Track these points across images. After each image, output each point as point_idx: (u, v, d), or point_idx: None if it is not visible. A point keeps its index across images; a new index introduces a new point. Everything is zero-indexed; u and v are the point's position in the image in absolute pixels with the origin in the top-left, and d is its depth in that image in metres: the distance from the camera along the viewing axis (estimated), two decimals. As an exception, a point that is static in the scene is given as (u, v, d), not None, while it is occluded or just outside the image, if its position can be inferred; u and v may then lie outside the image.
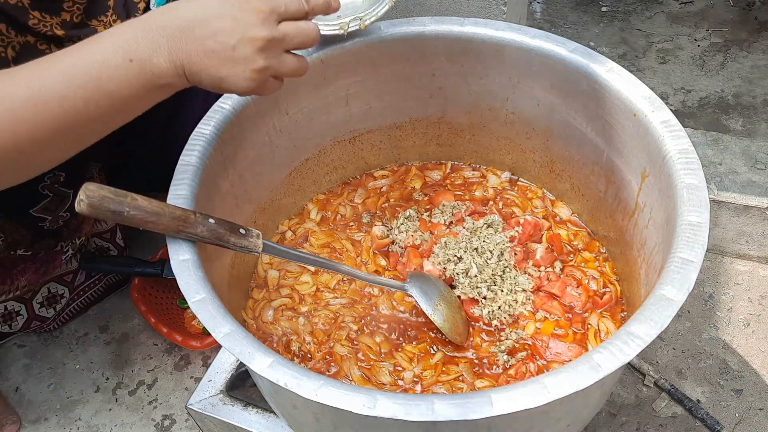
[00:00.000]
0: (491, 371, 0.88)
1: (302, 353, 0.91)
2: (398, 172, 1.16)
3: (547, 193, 1.10)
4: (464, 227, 1.02)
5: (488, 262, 0.95)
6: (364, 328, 0.93)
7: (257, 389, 0.90)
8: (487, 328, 0.93)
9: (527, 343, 0.90)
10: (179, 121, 1.12)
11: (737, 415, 1.10)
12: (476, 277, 0.94)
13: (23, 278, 1.10)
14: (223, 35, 0.67)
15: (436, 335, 0.92)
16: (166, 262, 1.20)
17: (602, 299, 0.94)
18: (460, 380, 0.87)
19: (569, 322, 0.92)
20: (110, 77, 0.67)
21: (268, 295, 0.99)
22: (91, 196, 0.64)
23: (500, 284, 0.94)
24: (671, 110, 0.85)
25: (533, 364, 0.88)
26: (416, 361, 0.89)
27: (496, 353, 0.89)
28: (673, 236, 0.71)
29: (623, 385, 1.13)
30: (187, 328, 1.23)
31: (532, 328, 0.92)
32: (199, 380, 1.06)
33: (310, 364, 0.90)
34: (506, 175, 1.13)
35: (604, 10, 1.95)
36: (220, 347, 1.10)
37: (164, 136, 1.13)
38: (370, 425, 0.65)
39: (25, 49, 0.85)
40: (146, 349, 1.26)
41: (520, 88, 0.99)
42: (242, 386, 0.96)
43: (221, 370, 0.97)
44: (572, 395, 0.58)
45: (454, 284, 0.95)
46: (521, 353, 0.89)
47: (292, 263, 1.00)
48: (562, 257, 1.00)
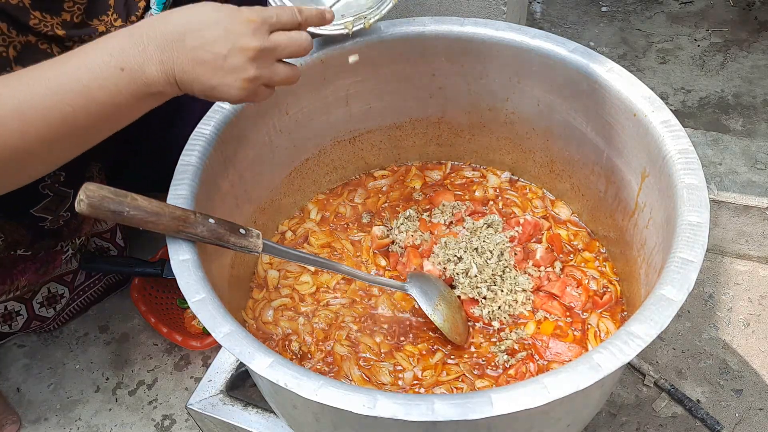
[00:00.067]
0: (491, 371, 0.88)
1: (302, 353, 0.91)
2: (398, 172, 1.16)
3: (547, 193, 1.10)
4: (464, 227, 1.02)
5: (488, 262, 0.95)
6: (364, 328, 0.94)
7: (257, 389, 0.90)
8: (487, 328, 0.93)
9: (527, 343, 0.90)
10: (179, 121, 1.12)
11: (737, 415, 1.10)
12: (476, 277, 0.94)
13: (23, 278, 1.10)
14: (214, 45, 0.67)
15: (436, 335, 0.92)
16: (166, 262, 1.20)
17: (602, 299, 0.94)
18: (460, 380, 0.87)
19: (569, 322, 0.92)
20: (100, 86, 0.67)
21: (268, 295, 0.99)
22: (91, 196, 0.64)
23: (500, 284, 0.94)
24: (671, 110, 0.85)
25: (533, 364, 0.88)
26: (416, 361, 0.89)
27: (496, 353, 0.89)
28: (673, 236, 0.71)
29: (623, 385, 1.13)
30: (187, 328, 1.23)
31: (532, 328, 0.92)
32: (199, 380, 1.06)
33: (310, 364, 0.90)
34: (506, 175, 1.13)
35: (604, 10, 1.95)
36: (220, 347, 1.10)
37: (164, 136, 1.13)
38: (370, 425, 0.65)
39: (26, 48, 0.85)
40: (146, 349, 1.26)
41: (520, 88, 0.99)
42: (242, 386, 0.96)
43: (221, 370, 0.97)
44: (572, 395, 0.58)
45: (454, 284, 0.95)
46: (521, 353, 0.89)
47: (292, 263, 1.00)
48: (562, 257, 1.00)
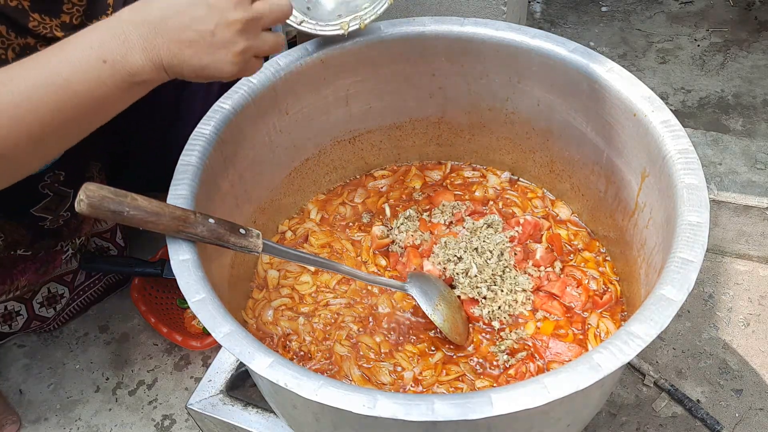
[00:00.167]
0: (491, 371, 0.88)
1: (302, 353, 0.91)
2: (398, 172, 1.16)
3: (547, 193, 1.10)
4: (464, 227, 1.02)
5: (488, 262, 0.95)
6: (364, 328, 0.94)
7: (257, 389, 0.90)
8: (487, 328, 0.93)
9: (527, 343, 0.90)
10: (179, 121, 1.12)
11: (737, 415, 1.10)
12: (476, 277, 0.94)
13: (23, 278, 1.10)
14: (199, 23, 0.67)
15: (436, 335, 0.92)
16: (166, 262, 1.20)
17: (602, 299, 0.94)
18: (460, 380, 0.87)
19: (569, 322, 0.92)
20: (82, 80, 0.66)
21: (268, 295, 0.99)
22: (91, 196, 0.64)
23: (500, 284, 0.94)
24: (671, 110, 0.85)
25: (533, 364, 0.88)
26: (416, 361, 0.89)
27: (496, 353, 0.89)
28: (673, 236, 0.71)
29: (623, 385, 1.13)
30: (187, 328, 1.23)
31: (532, 328, 0.92)
32: (199, 380, 1.06)
33: (310, 364, 0.90)
34: (506, 175, 1.13)
35: (604, 10, 1.95)
36: (220, 347, 1.10)
37: (164, 136, 1.13)
38: (370, 425, 0.65)
39: (25, 50, 0.85)
40: (146, 349, 1.26)
41: (520, 88, 0.99)
42: (242, 386, 0.96)
43: (221, 370, 0.97)
44: (572, 395, 0.58)
45: (454, 284, 0.95)
46: (521, 353, 0.89)
47: (292, 263, 1.00)
48: (562, 257, 1.00)
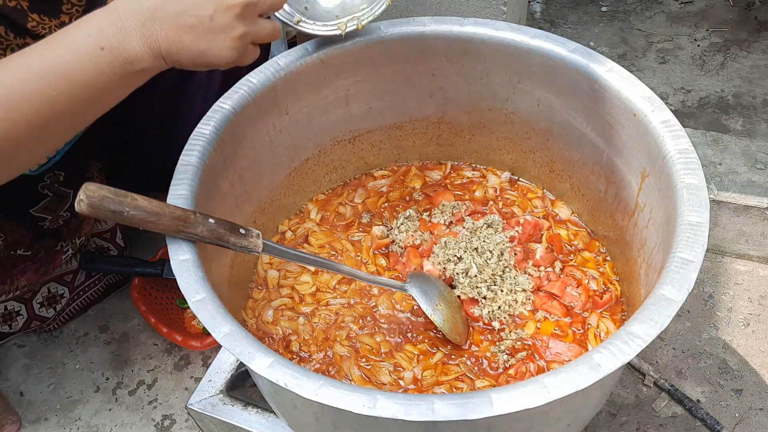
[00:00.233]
0: (491, 371, 0.88)
1: (302, 353, 0.91)
2: (398, 172, 1.16)
3: (547, 193, 1.10)
4: (464, 227, 1.02)
5: (488, 262, 0.95)
6: (364, 328, 0.93)
7: (257, 389, 0.90)
8: (487, 328, 0.93)
9: (527, 343, 0.90)
10: (179, 121, 1.12)
11: (737, 415, 1.10)
12: (476, 277, 0.94)
13: (23, 278, 1.10)
14: (198, 8, 0.67)
15: (436, 335, 0.92)
16: (166, 262, 1.20)
17: (602, 299, 0.94)
18: (460, 380, 0.87)
19: (569, 322, 0.92)
20: (81, 68, 0.66)
21: (268, 295, 0.99)
22: (91, 196, 0.64)
23: (500, 284, 0.94)
24: (671, 110, 0.85)
25: (533, 364, 0.88)
26: (416, 361, 0.89)
27: (496, 353, 0.89)
28: (673, 236, 0.71)
29: (623, 385, 1.13)
30: (187, 328, 1.23)
31: (532, 328, 0.92)
32: (199, 380, 1.06)
33: (310, 364, 0.90)
34: (506, 175, 1.13)
35: (604, 10, 1.95)
36: (220, 347, 1.10)
37: (164, 136, 1.13)
38: (370, 425, 0.65)
39: None
40: (146, 349, 1.26)
41: (520, 88, 0.99)
42: (242, 386, 0.96)
43: (221, 370, 0.97)
44: (572, 395, 0.58)
45: (454, 284, 0.95)
46: (521, 353, 0.89)
47: (292, 263, 1.00)
48: (562, 257, 1.00)
